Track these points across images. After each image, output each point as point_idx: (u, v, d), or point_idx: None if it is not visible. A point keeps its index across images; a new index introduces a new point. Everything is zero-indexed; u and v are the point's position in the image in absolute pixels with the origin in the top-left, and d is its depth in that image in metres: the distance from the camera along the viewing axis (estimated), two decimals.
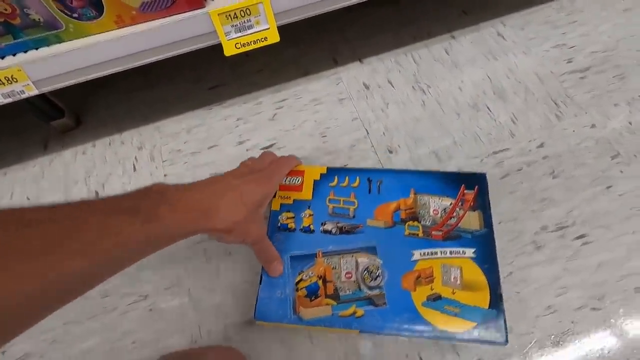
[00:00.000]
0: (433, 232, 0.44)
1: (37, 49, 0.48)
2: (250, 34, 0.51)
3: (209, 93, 0.71)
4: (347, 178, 0.47)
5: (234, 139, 0.65)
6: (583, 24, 0.70)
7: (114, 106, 0.72)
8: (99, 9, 0.45)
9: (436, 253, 0.43)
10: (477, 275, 0.41)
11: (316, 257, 0.44)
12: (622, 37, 0.67)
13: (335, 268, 0.43)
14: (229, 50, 0.52)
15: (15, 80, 0.47)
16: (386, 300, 0.41)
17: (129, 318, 0.52)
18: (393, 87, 0.67)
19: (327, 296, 0.42)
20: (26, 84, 0.48)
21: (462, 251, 0.42)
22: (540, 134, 0.59)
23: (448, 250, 0.43)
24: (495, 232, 0.44)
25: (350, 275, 0.43)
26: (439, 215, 0.45)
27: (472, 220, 0.44)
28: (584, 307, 0.47)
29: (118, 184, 0.63)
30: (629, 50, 0.66)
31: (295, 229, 0.45)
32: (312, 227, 0.45)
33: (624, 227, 0.51)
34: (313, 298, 0.41)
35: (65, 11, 0.44)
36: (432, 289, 0.41)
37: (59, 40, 0.47)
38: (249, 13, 0.49)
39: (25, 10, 0.43)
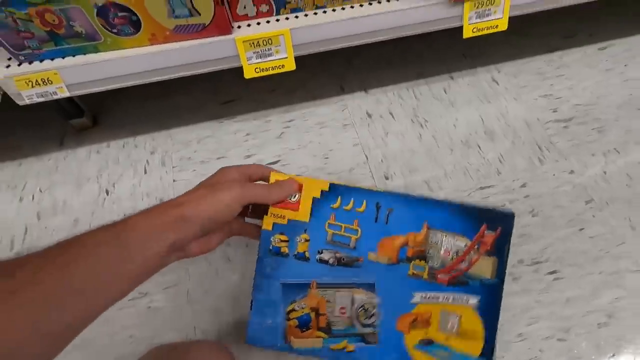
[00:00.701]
0: (439, 276, 0.40)
1: (74, 56, 0.52)
2: (270, 60, 0.57)
3: (222, 107, 0.76)
4: (352, 200, 0.40)
5: (242, 153, 0.69)
6: (569, 78, 0.77)
7: (130, 111, 0.76)
8: (137, 27, 0.50)
9: (438, 298, 0.40)
10: (475, 325, 0.40)
11: (310, 287, 0.41)
12: (602, 94, 0.74)
13: (330, 302, 0.41)
14: (249, 74, 0.57)
15: (50, 82, 0.52)
16: (378, 339, 0.40)
17: (128, 313, 0.55)
18: (394, 118, 0.73)
19: (319, 329, 0.41)
20: (60, 86, 0.52)
21: (466, 299, 0.40)
22: (523, 174, 0.65)
23: (451, 296, 0.40)
24: None
25: (344, 310, 0.40)
26: (450, 257, 0.40)
27: (484, 267, 0.40)
28: (551, 337, 0.52)
29: (128, 184, 0.67)
30: (607, 107, 0.72)
31: (288, 255, 0.40)
32: (307, 254, 0.40)
33: (593, 267, 0.56)
34: (304, 330, 0.40)
35: (107, 27, 0.49)
36: (426, 334, 0.40)
37: (96, 50, 0.52)
38: (270, 42, 0.55)
39: (70, 22, 0.48)
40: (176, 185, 0.67)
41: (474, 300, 0.40)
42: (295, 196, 0.41)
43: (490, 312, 0.40)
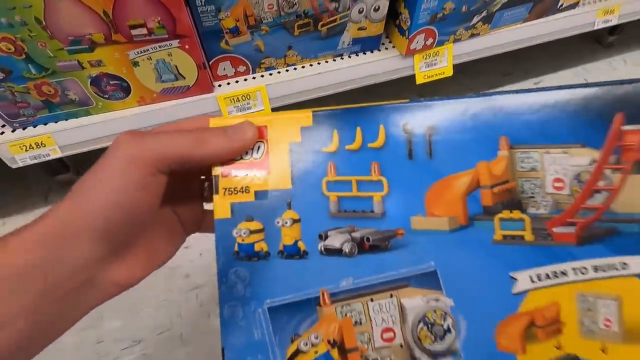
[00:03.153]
0: (556, 230, 0.22)
1: (66, 120, 0.56)
2: (249, 113, 0.63)
3: None
4: (358, 130, 0.23)
5: None
6: None
7: None
8: (127, 92, 0.55)
9: (566, 273, 0.22)
10: None
11: (320, 305, 0.23)
12: None
13: (361, 323, 0.23)
14: None
15: (43, 145, 0.55)
16: None
17: None
18: None
19: None
20: (53, 148, 0.56)
21: (622, 263, 0.22)
22: None
23: (591, 264, 0.22)
24: None
25: (391, 334, 0.23)
26: (567, 190, 0.22)
27: (639, 193, 0.22)
28: None
29: None
30: None
31: (269, 254, 0.24)
32: (301, 245, 0.23)
33: None
34: None
35: (99, 93, 0.54)
36: (559, 347, 0.22)
37: (87, 113, 0.56)
38: (249, 97, 0.61)
39: (65, 92, 0.52)
40: None
41: (636, 263, 0.21)
42: (258, 149, 0.24)
43: None
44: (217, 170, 0.24)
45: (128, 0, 0.44)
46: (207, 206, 0.28)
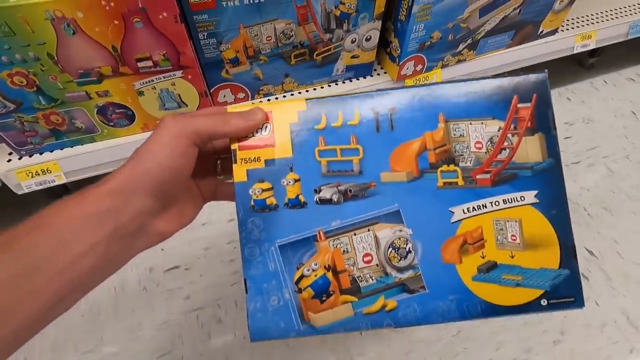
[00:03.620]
0: (478, 177, 0.31)
1: (72, 147, 0.58)
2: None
3: None
4: (340, 113, 0.32)
5: (226, 217, 0.75)
6: None
7: None
8: (131, 119, 0.58)
9: (485, 206, 0.31)
10: (542, 226, 0.31)
11: (317, 240, 0.31)
12: None
13: (348, 251, 0.31)
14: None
15: (49, 171, 0.57)
16: (424, 282, 0.31)
17: None
18: None
19: (343, 292, 0.31)
20: (58, 174, 0.58)
21: (521, 197, 0.31)
22: None
23: (501, 198, 0.31)
24: None
25: (370, 257, 0.31)
26: (484, 149, 0.32)
27: (530, 149, 0.31)
28: (517, 359, 0.58)
29: None
30: None
31: (278, 206, 0.31)
32: (301, 198, 0.31)
33: None
34: (324, 298, 0.31)
35: (105, 121, 0.56)
36: (483, 257, 0.31)
37: (92, 140, 0.59)
38: None
39: (72, 120, 0.54)
40: (164, 255, 0.71)
41: (530, 195, 0.31)
42: (266, 128, 0.31)
43: (555, 204, 0.31)
44: (235, 145, 0.31)
45: (136, 36, 0.47)
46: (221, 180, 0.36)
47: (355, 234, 0.31)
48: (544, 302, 0.31)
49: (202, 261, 0.69)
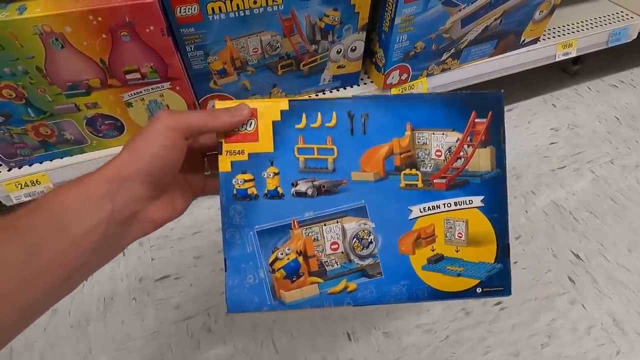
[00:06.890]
0: (435, 181, 0.35)
1: (62, 158, 0.59)
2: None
3: None
4: (319, 115, 0.35)
5: (217, 227, 0.76)
6: None
7: None
8: (120, 130, 0.58)
9: (439, 207, 0.36)
10: (484, 227, 0.36)
11: (291, 228, 0.35)
12: (513, 146, 0.91)
13: (317, 239, 0.35)
14: None
15: (38, 183, 0.57)
16: (381, 269, 0.35)
17: None
18: None
19: (311, 274, 0.35)
20: (47, 186, 0.58)
21: (469, 200, 0.35)
22: None
23: (452, 201, 0.35)
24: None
25: (336, 245, 0.35)
26: (443, 157, 0.36)
27: (482, 160, 0.36)
28: None
29: (107, 267, 0.70)
30: (519, 156, 0.88)
31: (258, 196, 0.34)
32: (280, 190, 0.35)
33: (528, 294, 0.66)
34: (294, 279, 0.34)
35: (94, 132, 0.57)
36: (433, 250, 0.36)
37: (82, 151, 0.59)
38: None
39: (62, 132, 0.55)
40: (155, 264, 0.71)
41: (478, 199, 0.35)
42: (250, 124, 0.34)
43: (497, 208, 0.35)
44: (221, 138, 0.33)
45: (123, 49, 0.48)
46: (208, 175, 0.38)
47: (325, 225, 0.35)
48: (479, 290, 0.35)
49: (193, 270, 0.69)
